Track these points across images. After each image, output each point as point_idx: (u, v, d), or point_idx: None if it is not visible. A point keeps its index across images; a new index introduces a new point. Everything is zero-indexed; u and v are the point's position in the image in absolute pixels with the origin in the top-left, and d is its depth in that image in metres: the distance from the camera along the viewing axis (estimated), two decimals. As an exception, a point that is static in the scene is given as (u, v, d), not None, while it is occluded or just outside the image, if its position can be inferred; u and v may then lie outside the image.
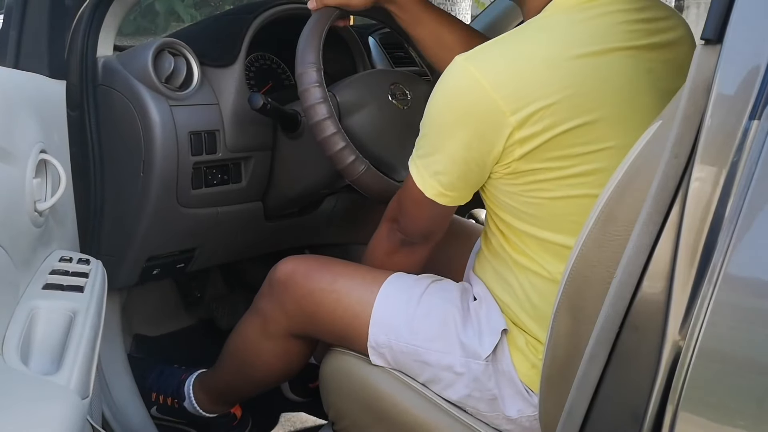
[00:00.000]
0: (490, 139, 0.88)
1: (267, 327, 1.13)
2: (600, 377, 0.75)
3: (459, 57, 0.89)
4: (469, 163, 0.91)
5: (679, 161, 0.68)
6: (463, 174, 0.93)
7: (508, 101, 0.85)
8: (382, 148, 1.21)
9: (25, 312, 0.80)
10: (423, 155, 0.95)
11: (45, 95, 1.09)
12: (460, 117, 0.89)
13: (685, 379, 0.65)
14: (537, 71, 0.86)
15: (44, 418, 0.63)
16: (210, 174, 1.23)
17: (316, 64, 1.09)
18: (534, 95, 0.85)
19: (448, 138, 0.91)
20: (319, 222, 1.48)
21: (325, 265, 1.10)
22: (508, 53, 0.89)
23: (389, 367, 1.03)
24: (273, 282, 1.11)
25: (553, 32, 0.90)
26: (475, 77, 0.86)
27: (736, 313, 0.64)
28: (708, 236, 0.65)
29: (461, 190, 0.95)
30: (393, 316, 1.02)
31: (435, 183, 0.94)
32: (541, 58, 0.87)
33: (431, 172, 0.93)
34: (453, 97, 0.90)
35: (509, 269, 0.99)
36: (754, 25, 0.64)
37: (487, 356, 0.97)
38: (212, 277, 1.74)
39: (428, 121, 0.94)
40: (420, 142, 0.96)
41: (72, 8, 1.13)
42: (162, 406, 1.37)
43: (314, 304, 1.07)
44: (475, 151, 0.90)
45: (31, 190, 0.88)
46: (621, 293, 0.72)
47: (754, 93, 0.63)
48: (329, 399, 1.10)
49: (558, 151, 0.88)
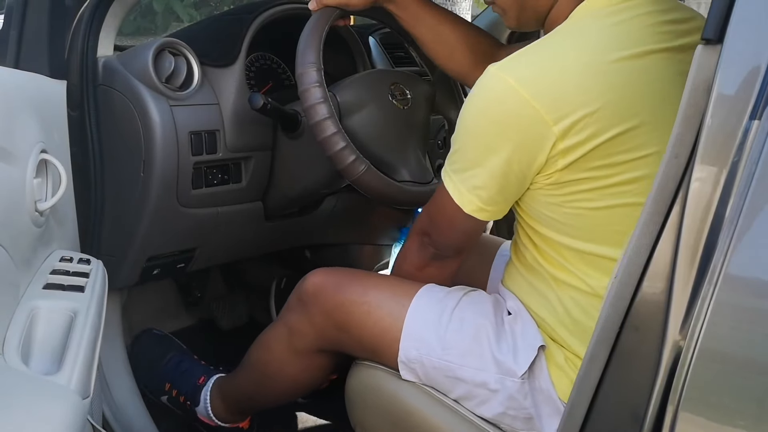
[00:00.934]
0: (532, 151, 0.85)
1: (293, 341, 1.10)
2: (600, 377, 0.75)
3: (492, 67, 0.86)
4: (509, 176, 0.88)
5: (679, 161, 0.68)
6: (503, 188, 0.90)
7: (550, 110, 0.83)
8: (382, 148, 1.21)
9: (26, 312, 0.80)
10: (459, 170, 0.91)
11: (45, 95, 1.09)
12: (500, 129, 0.86)
13: (685, 379, 0.65)
14: (577, 77, 0.84)
15: (45, 417, 0.63)
16: (210, 174, 1.23)
17: (316, 64, 1.09)
18: (576, 103, 0.83)
19: (487, 152, 0.87)
20: (319, 222, 1.48)
21: (355, 277, 1.08)
22: (545, 60, 0.86)
23: (420, 382, 1.00)
24: (302, 294, 1.08)
25: (587, 37, 0.87)
26: (513, 87, 0.83)
27: (737, 313, 0.65)
28: (708, 236, 0.65)
29: (500, 204, 0.93)
30: (425, 331, 0.99)
31: (474, 198, 0.91)
32: (580, 63, 0.84)
33: (469, 187, 0.90)
34: (491, 108, 0.86)
35: (547, 284, 0.96)
36: (755, 26, 0.64)
37: (522, 374, 0.93)
38: (212, 277, 1.74)
39: (463, 135, 0.91)
40: (454, 157, 0.93)
41: (72, 8, 1.13)
42: (174, 399, 1.34)
43: (345, 315, 1.04)
44: (516, 163, 0.87)
45: (32, 190, 0.88)
46: (621, 293, 0.72)
47: (754, 93, 0.63)
48: (356, 414, 1.07)
49: (601, 160, 0.85)
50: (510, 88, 0.84)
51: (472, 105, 0.89)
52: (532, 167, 0.87)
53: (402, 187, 1.18)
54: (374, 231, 1.64)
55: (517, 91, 0.83)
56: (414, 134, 1.28)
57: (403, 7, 1.18)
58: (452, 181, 0.92)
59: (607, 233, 0.89)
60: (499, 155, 0.87)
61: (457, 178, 0.92)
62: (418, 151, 1.27)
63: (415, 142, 1.27)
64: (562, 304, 0.94)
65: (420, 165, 1.25)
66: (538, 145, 0.85)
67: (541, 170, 0.87)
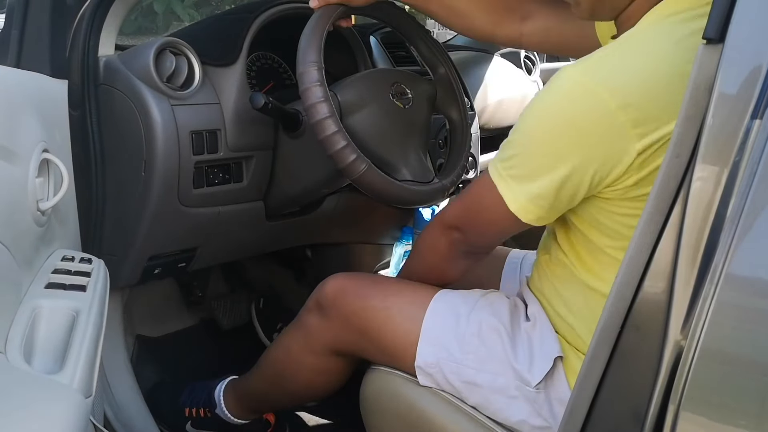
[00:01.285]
0: (609, 165, 0.79)
1: (311, 342, 1.10)
2: (601, 377, 0.75)
3: (570, 69, 0.80)
4: (578, 186, 0.82)
5: (680, 161, 0.68)
6: (569, 198, 0.84)
7: (637, 124, 0.76)
8: (383, 148, 1.21)
9: (28, 311, 0.80)
10: (518, 176, 0.85)
11: (47, 95, 1.09)
12: (576, 139, 0.79)
13: (686, 379, 0.65)
14: (667, 90, 0.77)
15: (48, 417, 0.63)
16: (211, 173, 1.23)
17: (317, 63, 1.09)
18: (663, 119, 0.77)
19: (557, 160, 0.81)
20: (320, 221, 1.48)
21: (375, 282, 1.07)
22: (636, 68, 0.79)
23: (437, 388, 0.99)
24: (321, 298, 1.08)
25: (676, 44, 0.79)
26: (599, 96, 0.76)
27: (738, 313, 0.65)
28: (709, 236, 0.65)
29: (559, 212, 0.88)
30: (442, 336, 0.98)
31: (534, 208, 0.85)
32: (671, 75, 0.77)
33: (531, 196, 0.84)
34: (569, 116, 0.79)
35: (578, 290, 0.93)
36: (756, 25, 0.64)
37: (537, 384, 0.92)
38: (213, 277, 1.74)
39: (528, 139, 0.84)
40: (512, 161, 0.86)
41: (73, 8, 1.13)
42: (195, 419, 1.33)
43: (364, 321, 1.03)
44: (588, 176, 0.81)
45: (34, 190, 0.88)
46: (622, 293, 0.72)
47: (756, 93, 0.63)
48: (371, 420, 1.06)
49: None
50: (594, 96, 0.77)
51: (544, 108, 0.82)
52: (605, 180, 0.82)
53: (403, 187, 1.18)
54: (375, 230, 1.64)
55: (603, 100, 0.77)
56: (415, 133, 1.28)
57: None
58: (510, 189, 0.86)
59: None
60: (570, 166, 0.81)
61: (515, 185, 0.85)
62: (419, 150, 1.27)
63: (416, 141, 1.27)
64: (594, 315, 0.90)
65: (421, 164, 1.25)
66: (617, 158, 0.79)
67: (612, 184, 0.82)
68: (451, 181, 1.29)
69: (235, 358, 1.28)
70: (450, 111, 1.37)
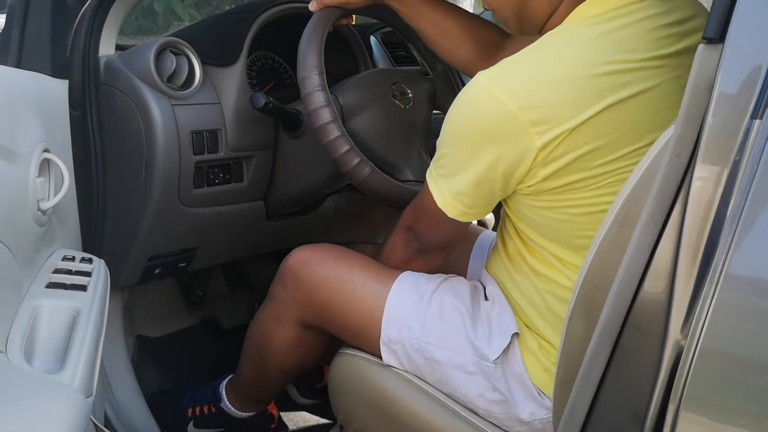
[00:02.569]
0: (515, 162, 0.86)
1: (279, 313, 1.13)
2: (602, 376, 0.75)
3: (481, 77, 0.86)
4: (493, 183, 0.90)
5: (680, 161, 0.68)
6: (487, 194, 0.91)
7: (535, 123, 0.83)
8: (385, 149, 1.21)
9: (29, 311, 0.81)
10: (444, 175, 0.93)
11: (47, 94, 1.09)
12: (484, 139, 0.86)
13: (686, 379, 0.65)
14: (565, 91, 0.84)
15: (49, 416, 0.63)
16: (212, 173, 1.23)
17: (318, 68, 1.09)
18: (561, 118, 0.83)
19: (471, 159, 0.88)
20: (320, 221, 1.48)
21: (341, 254, 1.09)
22: (534, 73, 0.86)
23: (401, 366, 1.03)
24: (285, 269, 1.11)
25: (578, 47, 0.86)
26: (500, 100, 0.84)
27: (738, 313, 0.65)
28: (710, 235, 0.65)
29: (483, 207, 0.94)
30: (406, 314, 1.02)
31: (457, 203, 0.92)
32: (568, 77, 0.84)
33: (453, 192, 0.92)
34: (477, 119, 0.87)
35: (527, 275, 0.98)
36: (756, 25, 0.64)
37: (495, 359, 0.97)
38: (214, 277, 1.74)
39: (448, 140, 0.92)
40: (440, 161, 0.94)
41: (74, 8, 1.13)
42: (198, 418, 1.35)
43: (329, 293, 1.06)
44: (499, 173, 0.88)
45: (35, 189, 0.88)
46: (623, 292, 0.72)
47: (756, 92, 0.63)
48: (339, 402, 1.09)
49: (583, 172, 0.86)
50: (496, 100, 0.84)
51: (458, 113, 0.89)
52: (514, 176, 0.88)
53: (406, 188, 1.18)
54: (375, 230, 1.64)
55: (504, 104, 0.83)
56: (416, 133, 1.28)
57: (404, 2, 1.18)
58: (437, 185, 0.94)
59: (588, 238, 0.87)
60: (483, 163, 0.87)
61: (442, 182, 0.93)
62: (421, 149, 1.27)
63: (418, 141, 1.27)
64: (540, 295, 0.97)
65: (423, 164, 1.25)
66: (520, 156, 0.85)
67: (522, 179, 0.89)
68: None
69: (236, 358, 1.28)
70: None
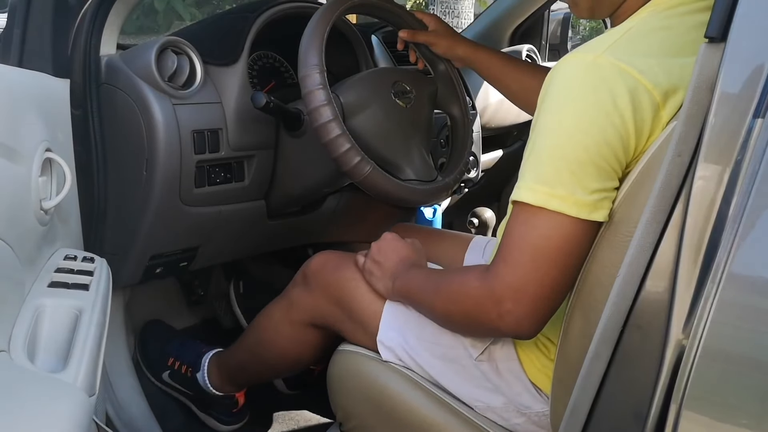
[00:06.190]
0: (646, 132, 0.77)
1: (291, 312, 1.19)
2: (603, 376, 0.75)
3: (587, 55, 0.77)
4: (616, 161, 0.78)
5: (682, 160, 0.68)
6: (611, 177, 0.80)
7: (661, 96, 0.76)
8: (386, 148, 1.21)
9: (32, 310, 0.81)
10: (567, 183, 0.77)
11: (49, 94, 1.09)
12: (616, 121, 0.76)
13: (688, 378, 0.65)
14: (672, 65, 0.78)
15: (52, 415, 0.63)
16: (213, 172, 1.23)
17: (318, 66, 1.09)
18: (680, 86, 0.77)
19: (597, 145, 0.77)
20: (321, 221, 1.48)
21: (351, 259, 1.16)
22: (641, 45, 0.79)
23: (398, 361, 1.04)
24: (306, 273, 1.18)
25: (663, 32, 0.81)
26: (627, 72, 0.75)
27: (740, 312, 0.65)
28: (711, 235, 0.65)
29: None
30: (404, 310, 1.05)
31: (606, 202, 0.79)
32: (667, 53, 0.79)
33: (598, 198, 0.78)
34: (600, 100, 0.75)
35: None
36: (758, 24, 0.64)
37: (491, 354, 0.98)
38: (215, 276, 1.75)
39: (556, 141, 0.78)
40: (547, 177, 0.78)
41: (75, 7, 1.13)
42: (176, 372, 1.43)
43: (338, 290, 1.12)
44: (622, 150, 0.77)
45: (37, 189, 0.88)
46: (624, 292, 0.72)
47: (758, 91, 0.63)
48: (337, 400, 1.10)
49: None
50: (625, 74, 0.75)
51: (568, 103, 0.77)
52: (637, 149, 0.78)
53: (407, 187, 1.18)
54: (377, 229, 1.63)
55: (633, 77, 0.75)
56: (417, 132, 1.28)
57: (486, 66, 1.31)
58: (564, 203, 0.78)
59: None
60: (610, 145, 0.77)
61: (570, 198, 0.77)
62: (422, 149, 1.27)
63: (419, 140, 1.27)
64: None
65: (424, 163, 1.25)
66: (650, 123, 0.77)
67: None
68: (453, 178, 1.30)
69: None
70: (451, 107, 1.37)
